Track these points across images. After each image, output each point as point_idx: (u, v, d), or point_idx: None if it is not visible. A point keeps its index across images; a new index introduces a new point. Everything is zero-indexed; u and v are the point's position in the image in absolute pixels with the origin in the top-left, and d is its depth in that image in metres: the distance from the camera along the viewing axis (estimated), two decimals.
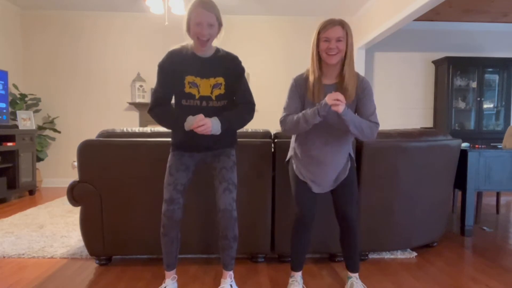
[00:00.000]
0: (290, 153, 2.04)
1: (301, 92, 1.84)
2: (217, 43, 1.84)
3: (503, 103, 5.57)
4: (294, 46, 5.61)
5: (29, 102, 5.21)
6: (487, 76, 5.56)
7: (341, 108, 1.64)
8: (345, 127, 1.74)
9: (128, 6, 5.15)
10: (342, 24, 1.75)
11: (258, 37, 5.56)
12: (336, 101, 1.62)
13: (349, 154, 1.92)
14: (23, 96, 5.03)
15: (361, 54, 5.49)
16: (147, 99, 5.44)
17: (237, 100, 1.88)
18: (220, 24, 1.79)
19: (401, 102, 5.81)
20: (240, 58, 1.92)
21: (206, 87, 1.82)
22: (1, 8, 4.93)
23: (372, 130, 1.78)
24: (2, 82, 4.39)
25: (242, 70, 1.88)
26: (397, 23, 4.16)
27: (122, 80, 5.47)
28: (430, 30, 5.76)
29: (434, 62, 5.73)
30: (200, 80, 1.81)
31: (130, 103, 5.37)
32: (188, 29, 1.78)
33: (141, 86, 5.38)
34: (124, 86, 5.49)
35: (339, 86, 1.78)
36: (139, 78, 5.39)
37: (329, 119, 1.78)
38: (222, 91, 1.84)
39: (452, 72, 5.46)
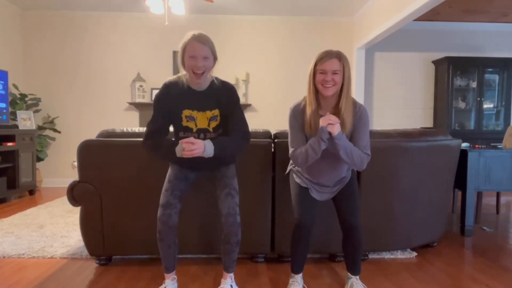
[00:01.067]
0: (289, 167, 2.07)
1: (300, 122, 1.85)
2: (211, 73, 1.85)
3: (503, 103, 5.57)
4: (293, 46, 5.61)
5: (29, 102, 5.21)
6: (487, 76, 5.56)
7: (335, 129, 1.66)
8: (337, 152, 1.74)
9: (128, 6, 5.15)
10: (339, 56, 1.75)
11: (257, 36, 5.56)
12: (329, 120, 1.65)
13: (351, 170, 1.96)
14: (23, 96, 5.03)
15: (361, 54, 5.49)
16: (147, 99, 5.44)
17: (231, 129, 1.86)
18: (215, 58, 1.79)
19: (401, 102, 5.81)
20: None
21: (203, 119, 1.83)
22: (1, 8, 4.93)
23: (362, 161, 1.78)
24: (2, 82, 4.39)
25: (237, 99, 1.88)
26: (397, 23, 4.16)
27: (122, 80, 5.48)
28: (430, 30, 5.76)
29: (434, 62, 5.73)
30: (197, 113, 1.82)
31: (130, 103, 5.37)
32: (183, 63, 1.77)
33: (141, 86, 5.38)
34: (124, 86, 5.49)
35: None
36: (139, 78, 5.39)
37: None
38: (218, 122, 1.86)
39: (452, 72, 5.46)
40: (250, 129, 2.36)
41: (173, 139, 1.88)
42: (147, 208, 2.24)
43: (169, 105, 1.82)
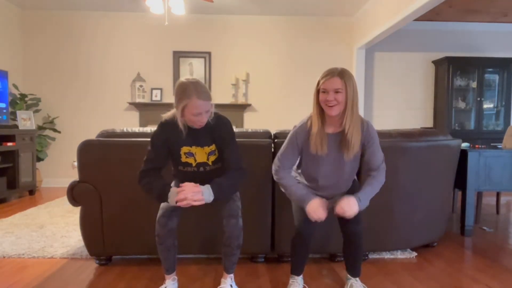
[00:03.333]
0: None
1: (301, 144, 1.83)
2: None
3: (503, 103, 5.56)
4: (293, 46, 5.61)
5: (29, 102, 5.21)
6: (487, 76, 5.56)
7: (354, 211, 1.71)
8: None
9: (128, 6, 5.15)
10: (341, 75, 1.70)
11: (258, 37, 5.56)
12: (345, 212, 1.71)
13: (354, 180, 1.98)
14: (23, 96, 5.03)
15: (361, 54, 5.49)
16: (147, 99, 5.44)
17: (227, 165, 1.84)
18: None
19: (401, 102, 5.81)
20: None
21: (202, 154, 1.85)
22: (1, 8, 4.93)
23: (382, 182, 1.83)
24: (2, 82, 4.39)
25: (232, 134, 1.86)
26: (397, 23, 4.16)
27: (122, 80, 5.48)
28: (430, 30, 5.76)
29: (434, 62, 5.73)
30: (195, 148, 1.83)
31: (130, 103, 5.37)
32: (182, 113, 1.73)
33: (141, 86, 5.38)
34: (124, 86, 5.49)
35: (342, 136, 1.76)
36: (139, 78, 5.39)
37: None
38: (217, 155, 1.88)
39: (452, 72, 5.46)
40: (250, 130, 2.38)
41: (170, 182, 1.90)
42: (147, 208, 2.24)
43: (166, 144, 1.83)
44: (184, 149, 1.83)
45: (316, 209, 1.73)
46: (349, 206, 1.70)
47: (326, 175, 1.84)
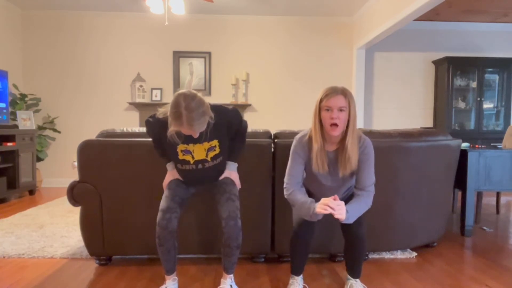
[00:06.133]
0: None
1: (304, 155, 1.84)
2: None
3: (503, 103, 5.56)
4: (293, 46, 5.60)
5: (29, 102, 5.21)
6: (487, 76, 5.56)
7: (342, 217, 1.65)
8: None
9: (128, 6, 5.15)
10: (345, 93, 1.70)
11: (257, 36, 5.56)
12: (327, 210, 1.65)
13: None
14: (23, 96, 5.03)
15: (361, 54, 5.49)
16: (147, 99, 5.44)
17: (234, 135, 1.95)
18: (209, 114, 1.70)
19: (401, 102, 5.81)
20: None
21: (200, 151, 1.82)
22: (1, 8, 4.93)
23: (369, 205, 1.81)
24: (2, 82, 4.39)
25: (234, 118, 1.86)
26: (397, 23, 4.16)
27: (122, 80, 5.48)
28: (430, 30, 5.76)
29: (434, 62, 5.73)
30: (193, 146, 1.81)
31: (130, 103, 5.37)
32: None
33: (141, 86, 5.38)
34: (124, 86, 5.49)
35: (341, 153, 1.77)
36: (139, 78, 5.39)
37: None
38: (217, 151, 1.85)
39: (452, 72, 5.46)
40: (250, 129, 2.38)
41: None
42: (147, 208, 2.24)
43: (162, 139, 1.82)
44: (181, 147, 1.82)
45: (322, 207, 1.67)
46: (341, 210, 1.67)
47: (325, 190, 1.87)
